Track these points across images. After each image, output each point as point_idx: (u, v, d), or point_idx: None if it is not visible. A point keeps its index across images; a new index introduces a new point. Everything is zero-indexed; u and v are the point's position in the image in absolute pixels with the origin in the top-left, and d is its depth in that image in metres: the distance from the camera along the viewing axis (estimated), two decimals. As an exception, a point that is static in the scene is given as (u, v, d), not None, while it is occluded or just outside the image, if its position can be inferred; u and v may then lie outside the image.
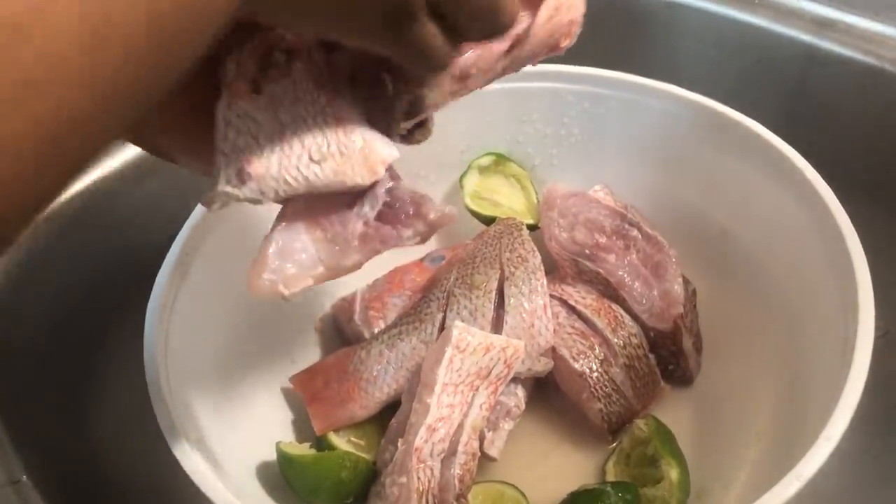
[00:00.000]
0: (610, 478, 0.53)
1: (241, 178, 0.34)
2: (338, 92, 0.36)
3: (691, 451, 0.53)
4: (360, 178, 0.35)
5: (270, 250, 0.36)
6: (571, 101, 0.64)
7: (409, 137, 0.40)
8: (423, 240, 0.39)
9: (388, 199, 0.37)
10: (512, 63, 0.40)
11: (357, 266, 0.38)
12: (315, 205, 0.37)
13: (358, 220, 0.37)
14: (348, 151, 0.35)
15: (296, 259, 0.37)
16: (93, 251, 0.62)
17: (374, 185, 0.36)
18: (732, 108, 0.58)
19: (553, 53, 0.42)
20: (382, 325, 0.59)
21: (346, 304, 0.61)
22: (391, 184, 0.37)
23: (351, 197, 0.37)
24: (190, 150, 0.36)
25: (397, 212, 0.37)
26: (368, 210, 0.37)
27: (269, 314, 0.59)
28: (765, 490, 0.39)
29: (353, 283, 0.63)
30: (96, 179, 0.64)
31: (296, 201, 0.36)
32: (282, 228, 0.37)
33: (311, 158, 0.34)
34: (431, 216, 0.37)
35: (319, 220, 0.37)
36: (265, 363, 0.57)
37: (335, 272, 0.38)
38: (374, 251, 0.38)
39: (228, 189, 0.34)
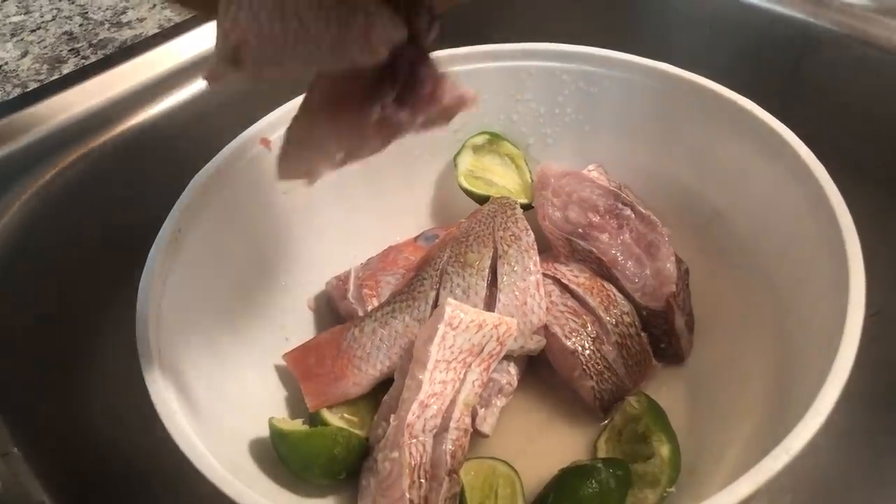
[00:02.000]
0: (601, 454, 0.54)
1: (237, 56, 0.32)
2: None
3: (683, 429, 0.53)
4: (361, 56, 0.33)
5: (293, 138, 0.36)
6: (566, 81, 0.63)
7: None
8: (441, 125, 0.37)
9: (407, 79, 0.35)
10: None
11: (377, 151, 0.37)
12: (337, 90, 0.35)
13: (375, 104, 0.35)
14: (348, 27, 0.33)
15: (317, 146, 0.36)
16: (84, 227, 0.62)
17: (393, 65, 0.34)
18: (727, 87, 0.58)
19: None
20: (376, 303, 0.59)
21: (340, 283, 0.62)
22: (412, 63, 0.35)
23: (374, 80, 0.35)
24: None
25: (416, 94, 0.35)
26: (386, 93, 0.35)
27: (262, 292, 0.59)
28: (754, 465, 0.40)
29: (347, 262, 0.63)
30: (87, 155, 0.64)
31: (319, 86, 0.36)
32: (304, 117, 0.36)
33: (308, 36, 0.32)
34: (446, 99, 0.35)
35: (340, 105, 0.35)
36: (259, 341, 0.58)
37: (355, 157, 0.37)
38: (391, 136, 0.36)
39: (223, 68, 0.33)
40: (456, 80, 0.36)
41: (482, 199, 0.63)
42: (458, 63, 0.63)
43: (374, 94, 0.35)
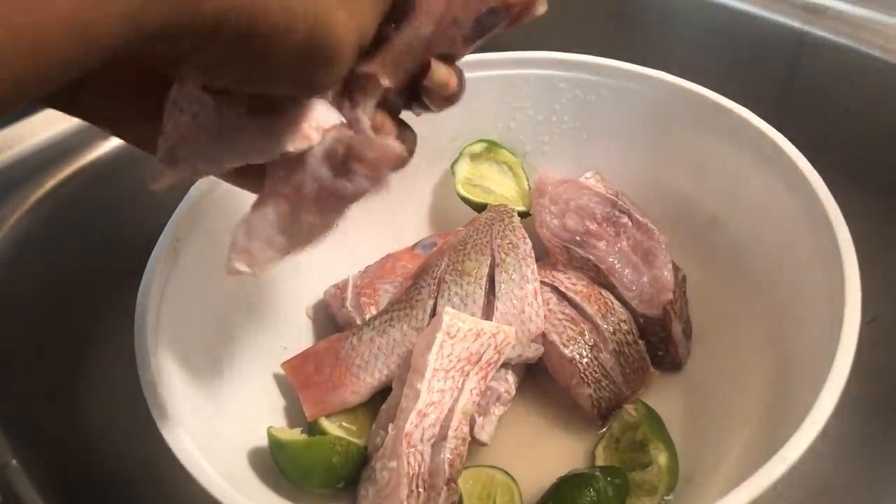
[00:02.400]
0: (599, 462, 0.54)
1: (174, 155, 0.33)
2: None
3: (680, 436, 0.53)
4: (292, 144, 0.34)
5: (240, 232, 0.36)
6: (563, 88, 0.64)
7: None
8: (374, 183, 0.36)
9: (342, 152, 0.35)
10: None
11: (321, 230, 0.37)
12: (286, 179, 0.36)
13: (312, 181, 0.35)
14: (280, 119, 0.33)
15: (261, 236, 0.36)
16: (83, 237, 0.62)
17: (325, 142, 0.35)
18: (723, 95, 0.58)
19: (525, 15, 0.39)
20: (374, 312, 0.59)
21: (338, 291, 0.62)
22: (346, 136, 0.35)
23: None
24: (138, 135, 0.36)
25: (349, 162, 0.35)
26: (321, 168, 0.35)
27: (260, 301, 0.59)
28: (752, 474, 0.40)
29: (345, 270, 0.63)
30: (85, 166, 0.64)
31: (272, 181, 0.36)
32: (254, 210, 0.37)
33: (242, 132, 0.33)
34: (369, 155, 0.35)
35: (286, 192, 0.36)
36: (257, 350, 0.58)
37: (299, 240, 0.37)
38: (333, 210, 0.36)
39: (161, 169, 0.34)
40: (383, 139, 0.36)
41: (480, 207, 0.63)
42: (455, 72, 0.63)
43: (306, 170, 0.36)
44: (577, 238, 0.60)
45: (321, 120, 0.34)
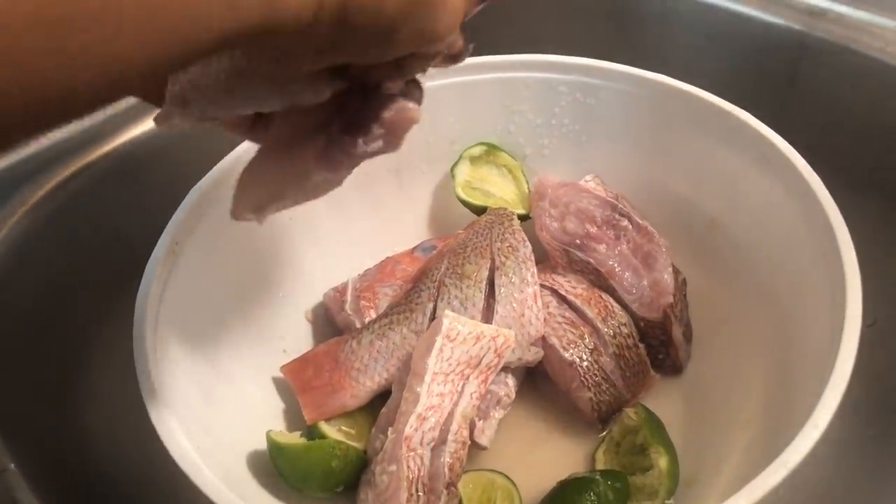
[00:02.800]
0: (599, 466, 0.54)
1: (184, 97, 0.33)
2: None
3: (681, 440, 0.53)
4: (304, 95, 0.33)
5: (245, 179, 0.36)
6: (563, 92, 0.64)
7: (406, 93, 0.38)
8: (389, 145, 0.36)
9: (357, 109, 0.35)
10: None
11: (330, 183, 0.37)
12: (290, 128, 0.36)
13: (320, 135, 0.35)
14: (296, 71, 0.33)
15: (267, 184, 0.36)
16: (83, 239, 0.62)
17: (343, 101, 0.35)
18: (723, 98, 0.58)
19: None
20: (373, 315, 0.59)
21: (338, 294, 0.61)
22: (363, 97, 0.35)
23: (325, 116, 0.36)
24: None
25: (361, 120, 0.35)
26: (333, 124, 0.35)
27: (260, 304, 0.59)
28: (753, 477, 0.40)
29: (345, 274, 0.63)
30: (87, 168, 0.64)
31: (280, 127, 0.36)
32: (258, 156, 0.36)
33: (254, 76, 0.33)
34: (386, 115, 0.35)
35: (291, 142, 0.36)
36: (256, 353, 0.57)
37: (306, 192, 0.37)
38: (340, 164, 0.36)
39: (170, 109, 0.33)
40: (401, 101, 0.36)
41: (479, 210, 0.63)
42: (454, 74, 0.63)
43: (322, 127, 0.36)
44: (577, 241, 0.60)
45: (331, 84, 0.34)
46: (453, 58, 0.38)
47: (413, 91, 0.38)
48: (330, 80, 0.33)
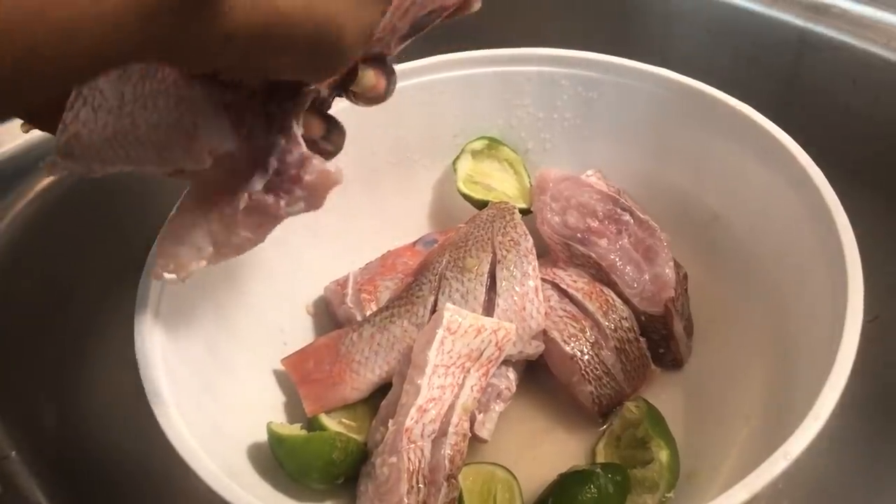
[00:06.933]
0: (600, 459, 0.54)
1: (69, 150, 0.33)
2: (195, 78, 0.33)
3: (681, 434, 0.53)
4: (184, 162, 0.34)
5: (165, 236, 0.36)
6: (565, 85, 0.64)
7: (327, 139, 0.38)
8: (311, 206, 0.36)
9: (277, 167, 0.35)
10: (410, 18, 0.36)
11: (251, 242, 0.37)
12: (215, 185, 0.36)
13: (243, 195, 0.35)
14: (175, 132, 0.33)
15: (188, 242, 0.36)
16: (84, 230, 0.62)
17: (260, 157, 0.34)
18: (725, 92, 0.58)
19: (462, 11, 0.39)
20: (374, 308, 0.59)
21: (339, 288, 0.61)
22: (284, 152, 0.35)
23: (249, 173, 0.35)
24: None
25: (283, 180, 0.35)
26: (254, 183, 0.35)
27: (261, 297, 0.59)
28: (753, 470, 0.40)
29: (346, 267, 0.63)
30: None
31: (193, 184, 0.36)
32: (180, 213, 0.36)
33: (136, 137, 0.33)
34: (307, 178, 0.35)
35: (215, 200, 0.36)
36: (257, 345, 0.57)
37: (228, 250, 0.37)
38: (261, 225, 0.36)
39: (57, 159, 0.33)
40: (321, 162, 0.35)
41: (481, 204, 0.63)
42: (456, 68, 0.63)
43: (243, 185, 0.35)
44: (579, 235, 0.60)
45: (213, 143, 0.33)
46: (374, 100, 0.37)
47: (334, 137, 0.38)
48: (230, 116, 0.33)
